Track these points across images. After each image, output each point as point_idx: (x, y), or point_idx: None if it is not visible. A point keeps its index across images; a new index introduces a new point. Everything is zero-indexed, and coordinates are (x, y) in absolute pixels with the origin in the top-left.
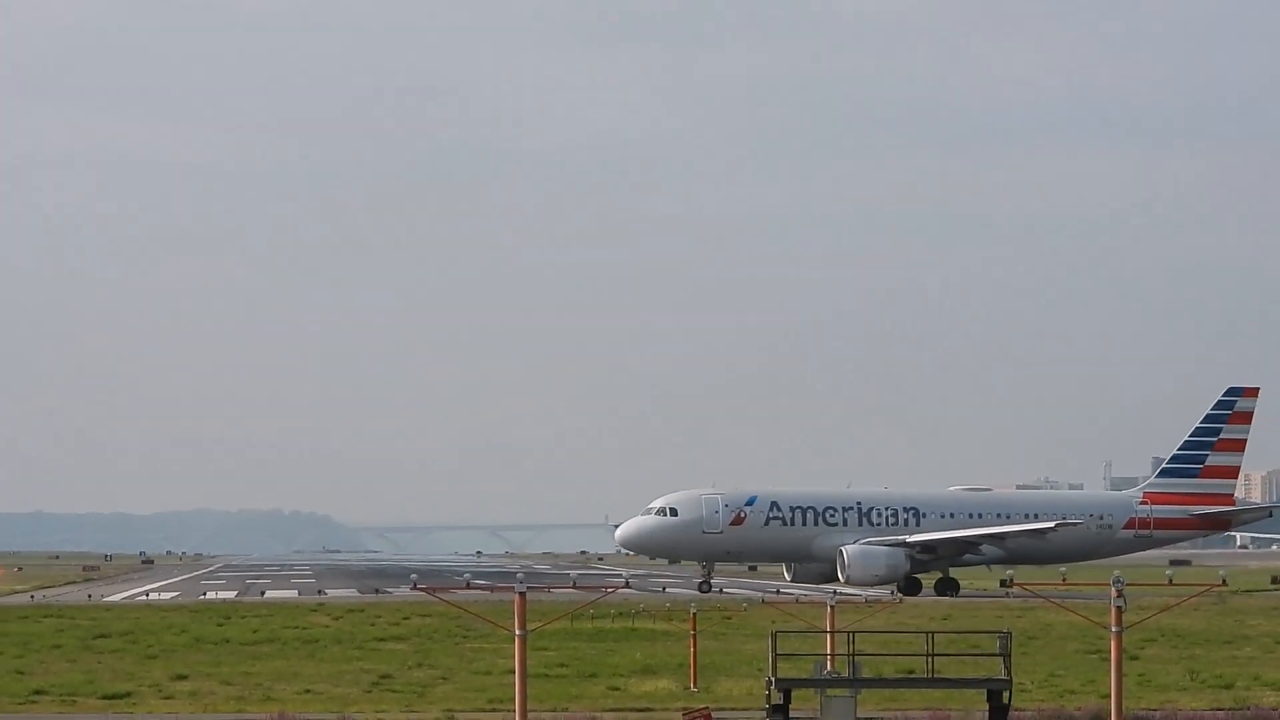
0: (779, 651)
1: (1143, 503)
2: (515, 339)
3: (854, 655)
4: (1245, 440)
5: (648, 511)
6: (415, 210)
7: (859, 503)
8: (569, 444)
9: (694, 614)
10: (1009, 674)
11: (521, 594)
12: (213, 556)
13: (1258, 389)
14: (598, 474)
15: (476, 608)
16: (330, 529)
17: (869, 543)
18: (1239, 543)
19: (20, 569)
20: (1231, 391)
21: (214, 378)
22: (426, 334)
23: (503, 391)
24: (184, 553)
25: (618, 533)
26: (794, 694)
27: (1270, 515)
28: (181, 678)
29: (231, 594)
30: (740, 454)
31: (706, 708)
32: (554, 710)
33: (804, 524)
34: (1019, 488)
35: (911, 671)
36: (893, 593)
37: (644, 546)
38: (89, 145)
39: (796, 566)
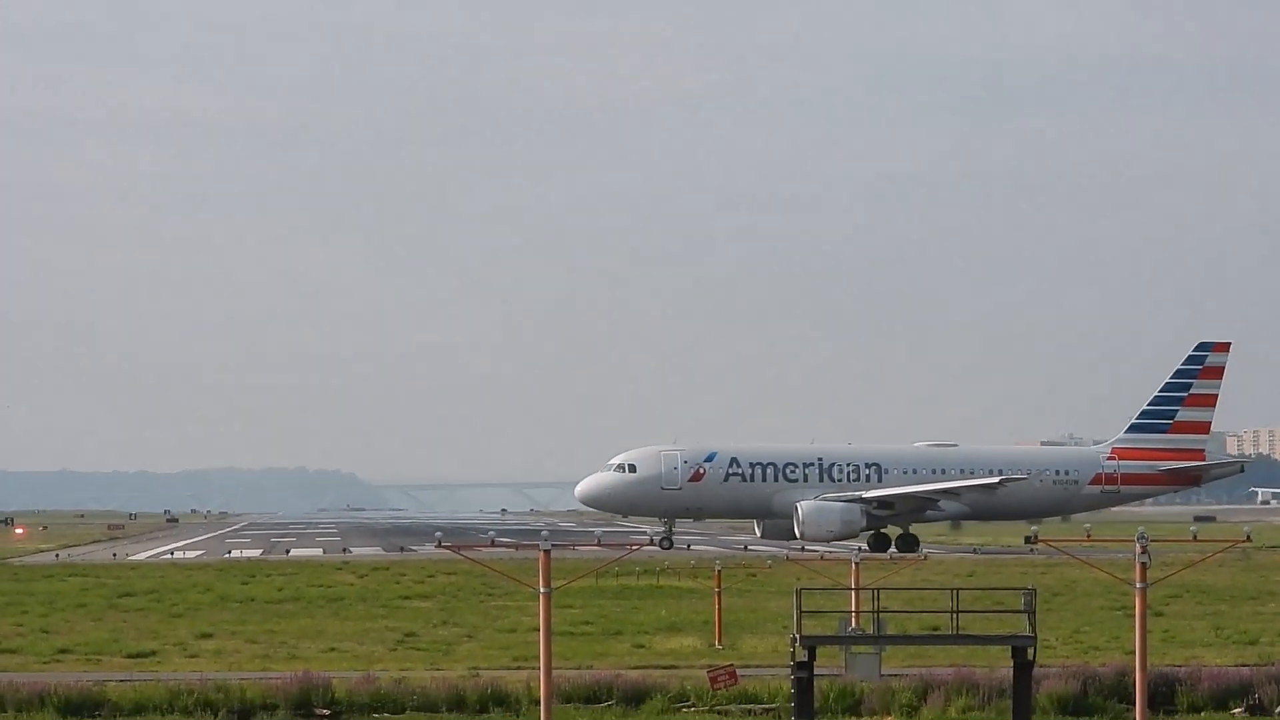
0: (804, 609)
1: (1110, 458)
2: (539, 298)
3: (879, 612)
4: (1217, 395)
5: (608, 467)
6: (441, 170)
7: (820, 459)
8: (594, 400)
9: (719, 571)
10: (1034, 630)
11: (546, 551)
12: (238, 515)
13: (1229, 344)
14: (624, 430)
15: (501, 565)
16: (355, 487)
17: (826, 498)
18: (1261, 498)
19: (45, 528)
20: (1202, 346)
21: (238, 336)
22: (452, 293)
23: (528, 349)
24: (209, 511)
25: (577, 488)
26: (819, 651)
27: (1243, 471)
28: (206, 636)
29: (256, 552)
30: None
31: (732, 665)
32: (579, 668)
33: (764, 480)
34: (1044, 444)
35: (936, 628)
36: (859, 550)
37: (602, 502)
38: (129, 106)
39: (766, 523)
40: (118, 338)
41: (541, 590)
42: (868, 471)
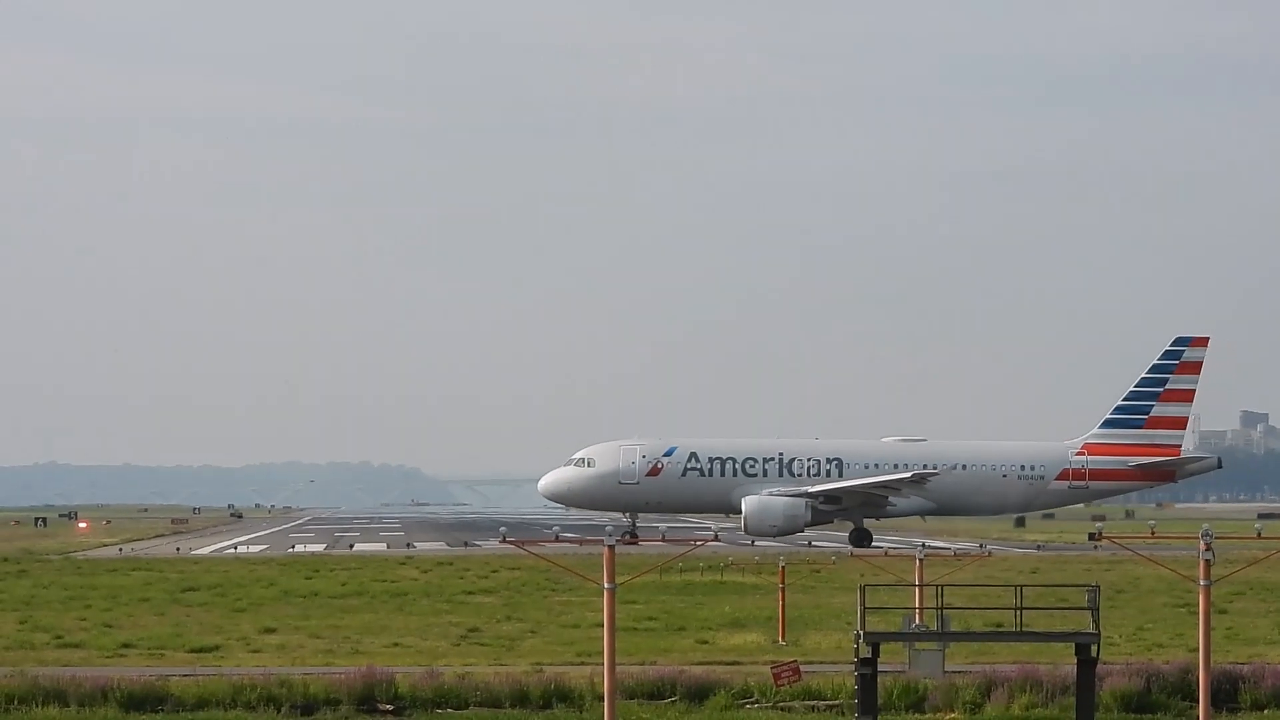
0: (867, 605)
1: (1079, 454)
2: (603, 292)
3: (942, 609)
4: (1194, 391)
5: (568, 462)
6: (508, 164)
7: (780, 453)
8: (658, 396)
9: (783, 567)
10: (1097, 628)
11: (610, 547)
12: (301, 509)
13: (1207, 339)
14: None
15: (565, 561)
16: (419, 481)
17: (774, 493)
18: None
19: (109, 522)
20: (1179, 341)
21: (303, 330)
22: (517, 287)
23: (594, 344)
24: (272, 505)
25: (540, 483)
26: (882, 647)
27: (1220, 466)
28: (270, 631)
29: (320, 547)
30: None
31: (795, 661)
32: (643, 663)
33: (723, 475)
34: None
35: (1000, 625)
36: (810, 544)
37: (563, 497)
38: (189, 104)
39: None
40: (182, 332)
41: (606, 585)
42: (828, 466)
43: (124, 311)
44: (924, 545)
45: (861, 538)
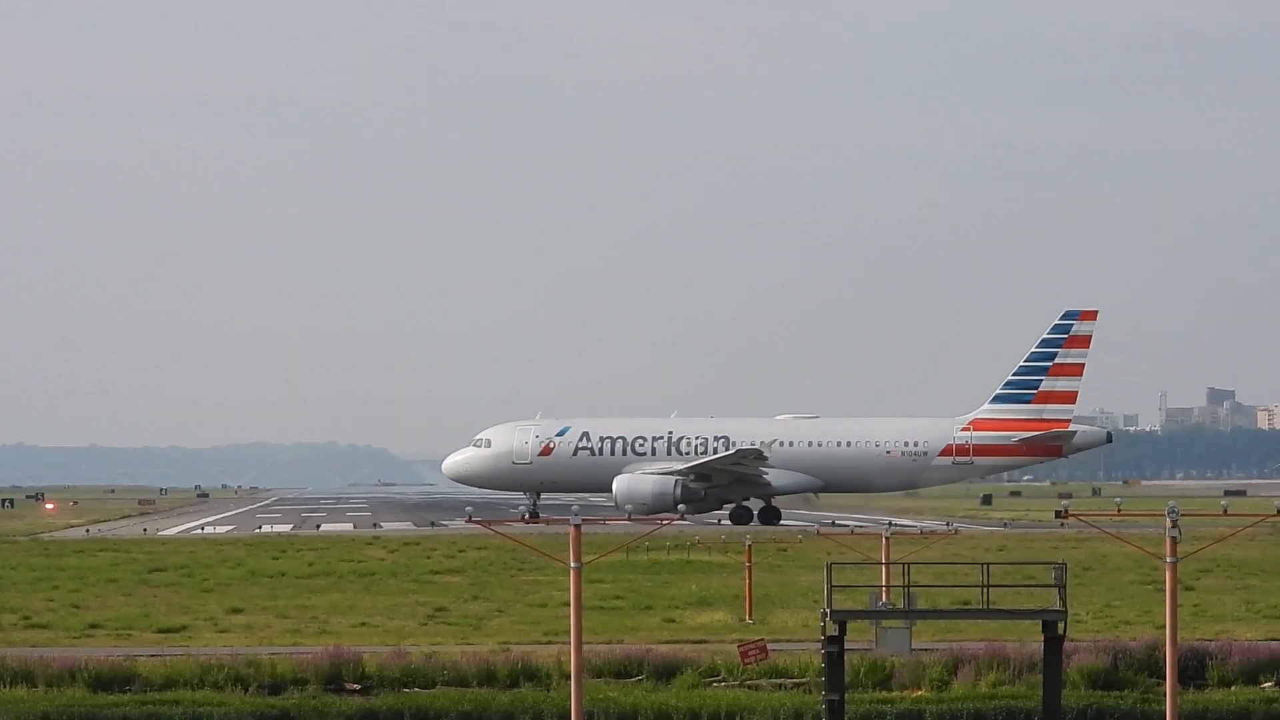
0: (834, 583)
1: (964, 430)
2: (565, 275)
3: (909, 587)
4: (1083, 365)
5: (471, 443)
6: (470, 150)
7: (670, 432)
8: (625, 376)
9: (749, 546)
10: (1064, 605)
11: (577, 526)
12: (268, 490)
13: (1096, 311)
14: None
15: (532, 540)
16: (386, 461)
17: (646, 473)
18: None
19: (76, 503)
20: (1068, 314)
21: (269, 312)
22: (478, 270)
23: (556, 324)
24: (239, 486)
25: (444, 464)
26: (850, 625)
27: (1110, 440)
28: (237, 611)
29: (287, 528)
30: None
31: (762, 639)
32: (609, 642)
33: (612, 454)
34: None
35: (967, 603)
36: (683, 516)
37: (464, 477)
38: (177, 91)
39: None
40: (149, 313)
41: (572, 565)
42: (716, 444)
43: (91, 294)
44: (891, 523)
45: (743, 515)
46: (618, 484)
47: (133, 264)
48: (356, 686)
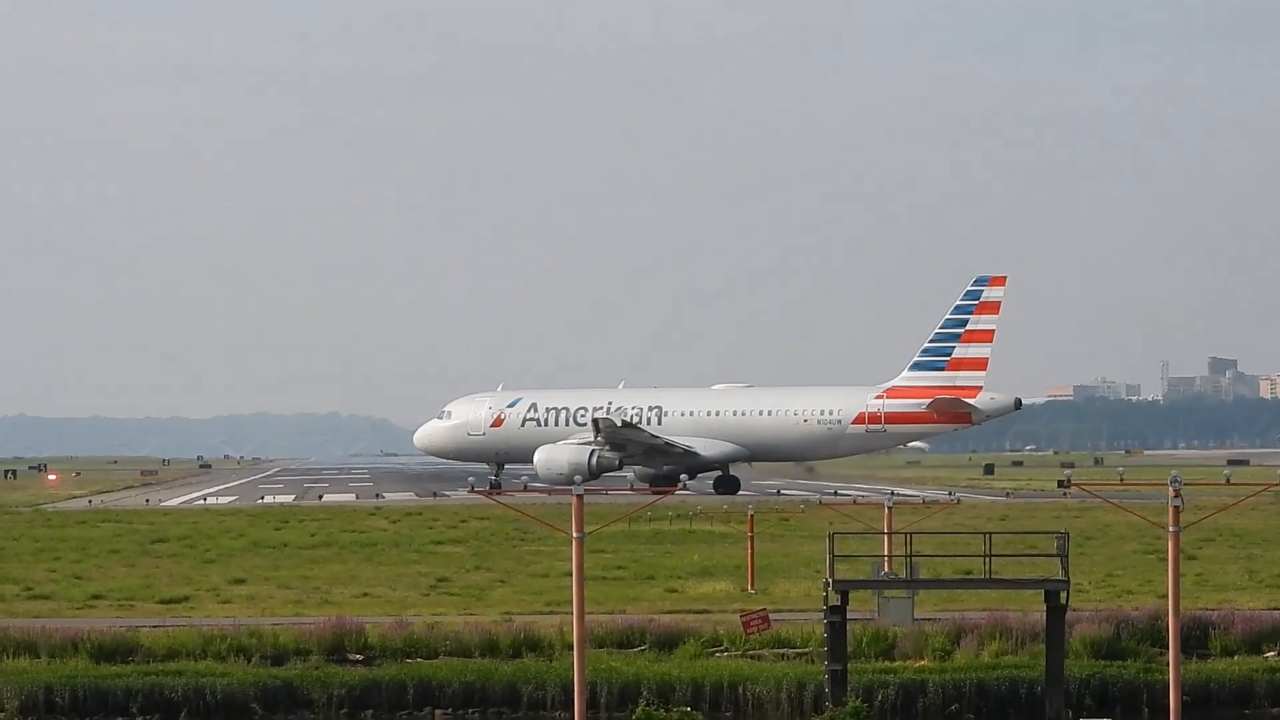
0: (836, 553)
1: (878, 398)
2: (564, 248)
3: (911, 556)
4: (994, 331)
5: (438, 414)
6: (469, 120)
7: (610, 402)
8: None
9: (751, 515)
10: (1066, 575)
11: (579, 496)
12: (270, 460)
13: (1004, 277)
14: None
15: (534, 510)
16: (388, 432)
17: (568, 443)
18: None
19: (78, 474)
20: (979, 280)
21: (271, 282)
22: (483, 240)
23: (560, 294)
24: (242, 456)
25: (414, 436)
26: (852, 595)
27: (1019, 407)
28: (239, 582)
29: (289, 498)
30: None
31: (764, 609)
32: (611, 612)
33: (556, 424)
34: (1076, 388)
35: (969, 573)
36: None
37: (429, 448)
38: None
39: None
40: (152, 285)
41: (574, 535)
42: (650, 414)
43: (93, 265)
44: (893, 493)
45: (664, 481)
46: (538, 455)
47: (136, 236)
48: (359, 657)
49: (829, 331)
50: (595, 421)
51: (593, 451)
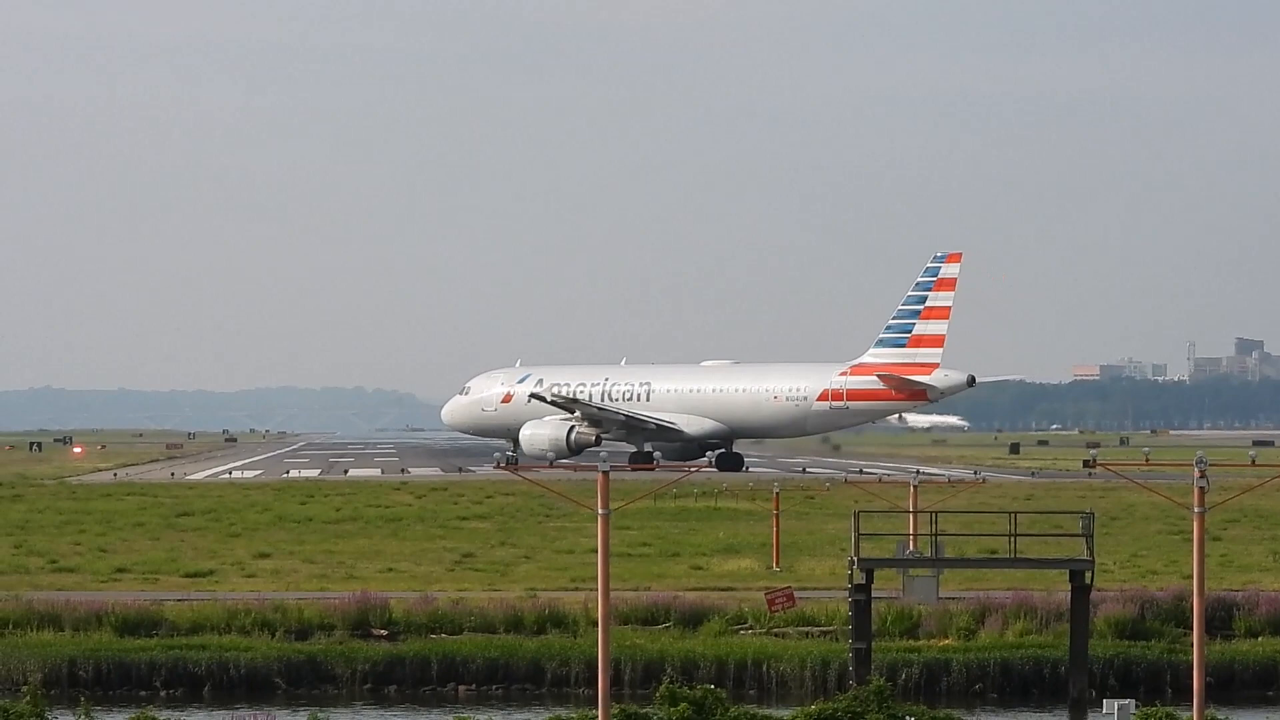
0: (861, 531)
1: (841, 375)
2: (585, 224)
3: (936, 535)
4: (950, 308)
5: (460, 390)
6: (490, 100)
7: (606, 379)
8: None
9: (777, 493)
10: (1091, 554)
11: (605, 473)
12: (296, 434)
13: (960, 254)
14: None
15: (560, 486)
16: (414, 407)
17: (550, 419)
18: None
19: (104, 447)
20: (936, 258)
21: (299, 256)
22: (503, 217)
23: (585, 268)
24: (267, 430)
25: (441, 411)
26: (877, 574)
27: (972, 384)
28: (264, 556)
29: (314, 472)
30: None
31: (789, 587)
32: (636, 589)
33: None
34: (1102, 368)
35: (994, 552)
36: (552, 464)
37: (452, 424)
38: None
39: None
40: (178, 258)
41: (600, 511)
42: (640, 390)
43: (120, 238)
44: (919, 472)
45: (643, 459)
46: (523, 431)
47: (161, 209)
48: (383, 632)
49: (849, 304)
50: (532, 395)
51: (571, 428)
